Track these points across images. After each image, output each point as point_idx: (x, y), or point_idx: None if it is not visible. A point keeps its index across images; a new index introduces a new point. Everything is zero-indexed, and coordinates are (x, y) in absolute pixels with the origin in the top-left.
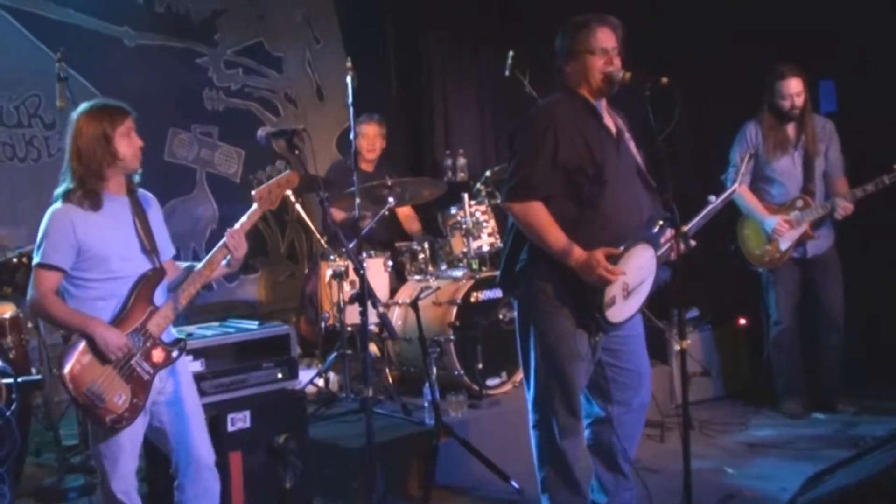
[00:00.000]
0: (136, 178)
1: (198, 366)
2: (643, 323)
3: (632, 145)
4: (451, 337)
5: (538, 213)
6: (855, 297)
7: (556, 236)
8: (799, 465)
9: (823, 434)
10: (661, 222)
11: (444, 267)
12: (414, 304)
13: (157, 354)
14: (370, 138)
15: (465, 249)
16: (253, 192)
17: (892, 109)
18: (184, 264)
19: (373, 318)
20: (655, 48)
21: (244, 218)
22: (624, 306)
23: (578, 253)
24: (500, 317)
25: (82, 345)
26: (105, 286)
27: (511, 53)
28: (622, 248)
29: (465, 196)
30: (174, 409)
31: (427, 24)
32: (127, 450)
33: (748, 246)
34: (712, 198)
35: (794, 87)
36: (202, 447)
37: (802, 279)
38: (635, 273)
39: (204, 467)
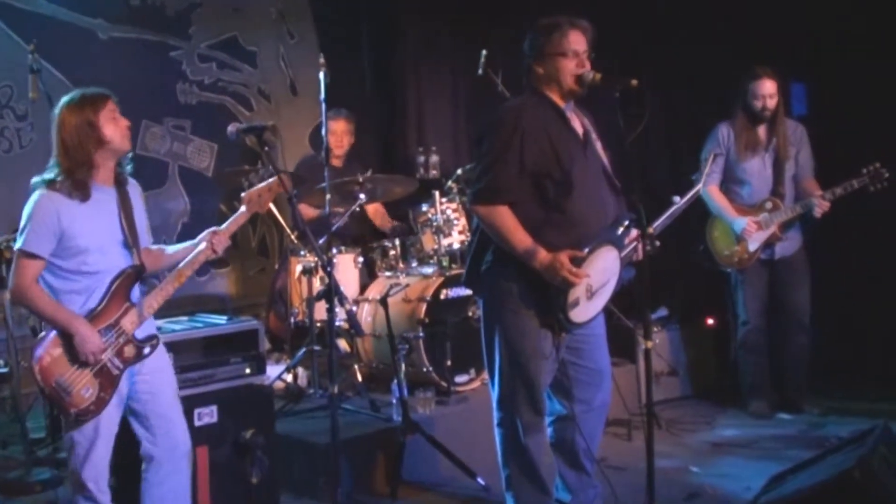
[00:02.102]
0: (129, 168)
1: None
2: (606, 322)
3: (598, 146)
4: (421, 334)
5: (504, 217)
6: (822, 299)
7: (520, 239)
8: (763, 464)
9: (789, 434)
10: (625, 223)
11: (414, 264)
12: (383, 301)
13: (129, 351)
14: (338, 134)
15: (435, 247)
16: (242, 195)
17: (862, 113)
18: (162, 247)
19: (342, 313)
20: (627, 50)
21: (230, 221)
22: (587, 307)
23: (543, 255)
24: (470, 314)
25: (53, 336)
26: (80, 280)
27: (484, 53)
28: (586, 250)
29: (437, 193)
30: (156, 390)
31: (402, 21)
32: (101, 437)
33: (717, 246)
34: (676, 198)
35: (767, 89)
36: (181, 432)
37: (770, 280)
38: (599, 274)
39: (181, 454)
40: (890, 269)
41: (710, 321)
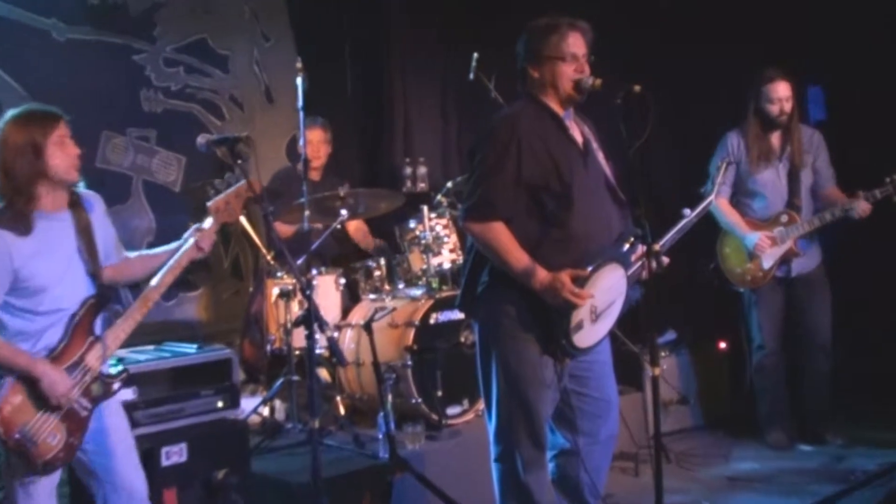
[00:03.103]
0: (81, 185)
1: (129, 394)
2: (611, 347)
3: (600, 156)
4: (409, 362)
5: (499, 234)
6: (844, 319)
7: (518, 258)
8: (784, 500)
9: (810, 467)
10: (631, 239)
11: (401, 285)
12: (367, 326)
13: (97, 388)
14: (314, 144)
15: (424, 266)
16: (208, 204)
17: (884, 118)
18: (142, 252)
19: (323, 341)
20: (632, 52)
21: (190, 241)
22: (592, 330)
23: (543, 275)
24: (462, 340)
25: (11, 383)
26: (36, 320)
27: (476, 56)
28: (589, 269)
29: (425, 208)
30: (100, 439)
31: (387, 22)
32: (43, 489)
33: (728, 264)
34: (686, 211)
35: (782, 91)
36: (135, 479)
37: (787, 300)
38: (604, 295)
39: (137, 501)
40: None
41: (723, 345)
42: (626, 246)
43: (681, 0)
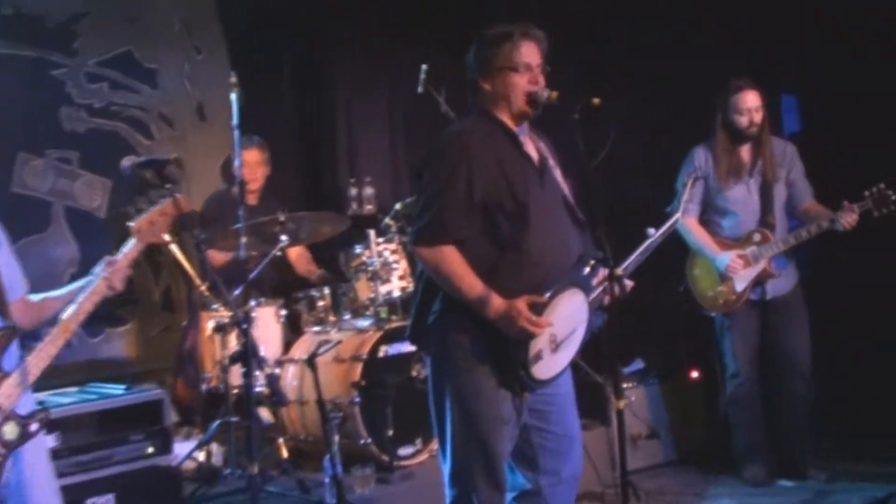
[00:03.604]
0: None
1: (51, 440)
2: (574, 378)
3: (557, 174)
4: (356, 399)
5: (450, 259)
6: (824, 344)
7: (471, 284)
8: None
9: None
10: (592, 262)
11: (347, 316)
12: (311, 362)
13: (10, 431)
14: (251, 165)
15: (371, 295)
16: (130, 224)
17: (863, 128)
18: (45, 295)
19: (262, 378)
20: (594, 65)
21: (120, 255)
22: (552, 361)
23: (497, 302)
24: (414, 374)
25: None
26: None
27: (425, 67)
28: (548, 294)
29: (372, 233)
30: (19, 490)
31: (328, 32)
32: None
33: (699, 287)
34: (651, 231)
35: (751, 101)
36: None
37: (762, 324)
38: (564, 322)
39: None
40: None
41: (695, 374)
42: (587, 269)
43: (647, 8)
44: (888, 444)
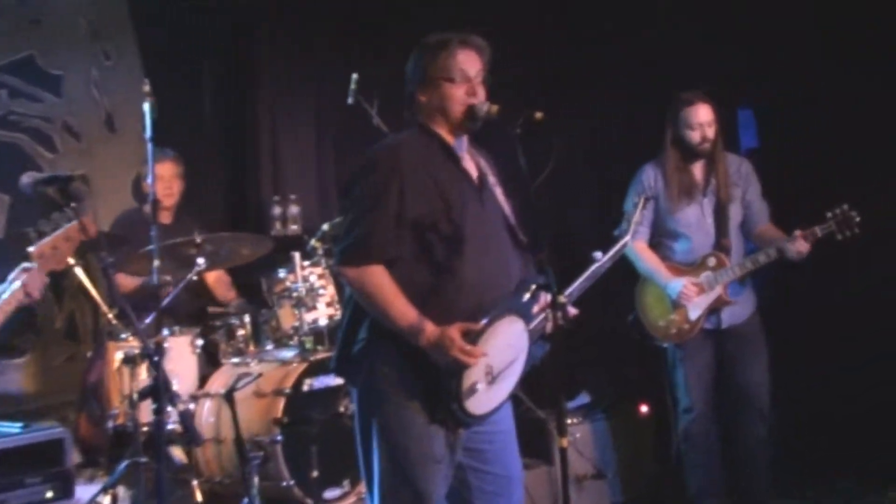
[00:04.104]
0: None
1: None
2: (514, 413)
3: (498, 193)
4: (278, 437)
5: (378, 280)
6: (783, 376)
7: (400, 308)
8: None
9: None
10: (533, 288)
11: (269, 346)
12: (229, 396)
13: None
14: (165, 180)
15: (296, 324)
16: (31, 249)
17: (825, 144)
18: None
19: (175, 415)
20: (539, 78)
21: (17, 283)
22: (488, 394)
23: (429, 329)
24: (342, 409)
25: None
26: None
27: (355, 77)
28: (484, 322)
29: (297, 255)
30: None
31: (251, 38)
32: None
33: (650, 316)
34: (598, 255)
35: (703, 116)
36: None
37: (717, 355)
38: (502, 352)
39: None
40: (864, 334)
41: (645, 409)
42: (527, 296)
43: (594, 18)
44: (854, 481)
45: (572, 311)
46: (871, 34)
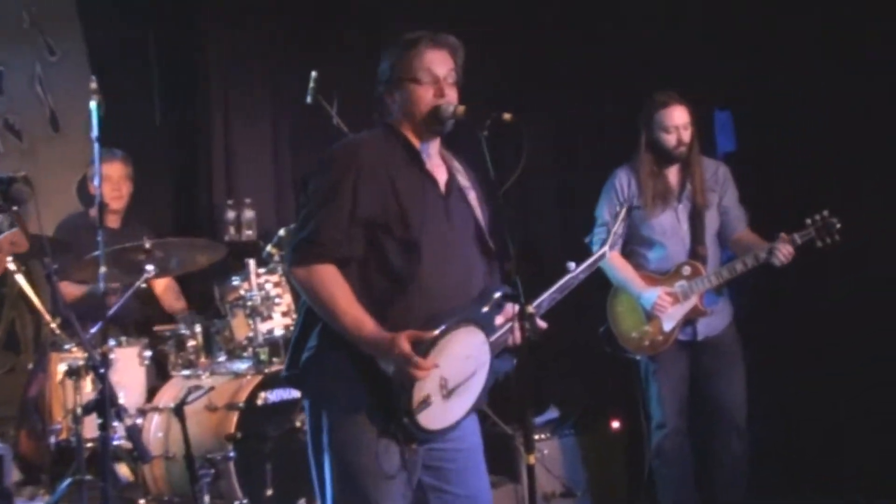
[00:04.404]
0: None
1: None
2: (480, 430)
3: (472, 198)
4: (231, 453)
5: (327, 281)
6: (761, 389)
7: (350, 313)
8: None
9: None
10: (496, 295)
11: (221, 358)
12: (178, 410)
13: None
14: (114, 182)
15: (250, 334)
16: None
17: (805, 148)
18: None
19: (121, 430)
20: (508, 79)
21: None
22: (444, 409)
23: (379, 336)
24: (298, 424)
25: None
26: None
27: (314, 74)
28: (437, 331)
29: (252, 262)
30: None
31: (204, 33)
32: None
33: (622, 327)
34: (572, 265)
35: (678, 118)
36: None
37: (692, 368)
38: (459, 365)
39: None
40: (847, 343)
41: (616, 424)
42: (487, 307)
43: (566, 17)
44: (829, 498)
45: (541, 323)
46: (854, 32)
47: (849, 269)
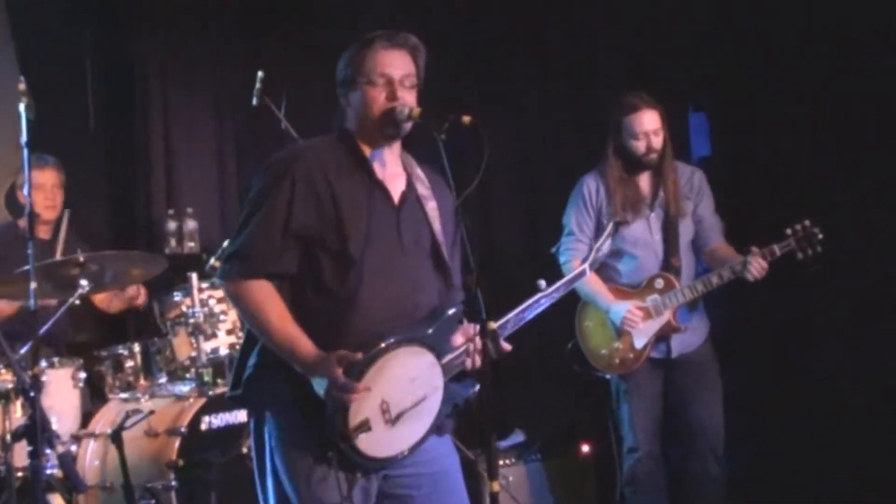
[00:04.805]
0: None
1: None
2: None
3: (429, 208)
4: (172, 482)
5: (258, 297)
6: (737, 410)
7: (281, 330)
8: None
9: None
10: (449, 314)
11: (162, 380)
12: (116, 436)
13: None
14: (46, 190)
15: (193, 354)
16: None
17: (785, 152)
18: None
19: (54, 458)
20: (467, 80)
21: None
22: (388, 435)
23: (309, 357)
24: (245, 450)
25: None
26: None
27: (261, 74)
28: (372, 352)
29: (194, 276)
30: None
31: (141, 30)
32: None
33: (591, 344)
34: (542, 283)
35: (648, 123)
36: None
37: (666, 388)
38: (403, 388)
39: None
40: (830, 364)
41: (585, 448)
42: (432, 328)
43: (529, 11)
44: None
45: (505, 345)
46: (842, 27)
47: (834, 279)
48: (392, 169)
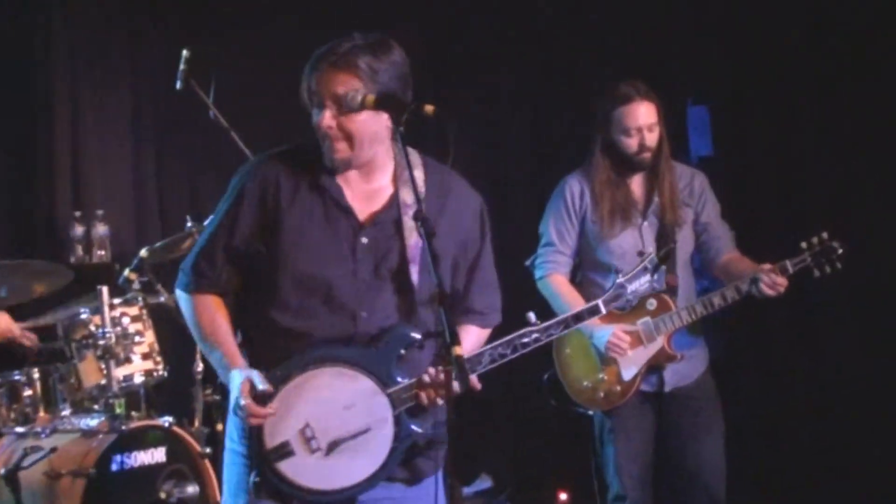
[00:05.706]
0: None
1: None
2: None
3: (407, 226)
4: None
5: (200, 312)
6: (739, 450)
7: (220, 348)
8: None
9: None
10: (400, 335)
11: (66, 412)
12: (11, 478)
13: None
14: None
15: (102, 381)
16: None
17: (794, 152)
18: None
19: None
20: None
21: None
22: (322, 464)
23: (227, 369)
24: (163, 495)
25: None
26: None
27: (186, 53)
28: (284, 369)
29: (105, 291)
30: None
31: (46, 7)
32: None
33: (571, 374)
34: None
35: (643, 117)
36: None
37: (658, 426)
38: (332, 414)
39: None
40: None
41: (564, 496)
42: (378, 347)
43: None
44: None
45: (474, 380)
46: (856, 16)
47: (854, 302)
48: (371, 185)
